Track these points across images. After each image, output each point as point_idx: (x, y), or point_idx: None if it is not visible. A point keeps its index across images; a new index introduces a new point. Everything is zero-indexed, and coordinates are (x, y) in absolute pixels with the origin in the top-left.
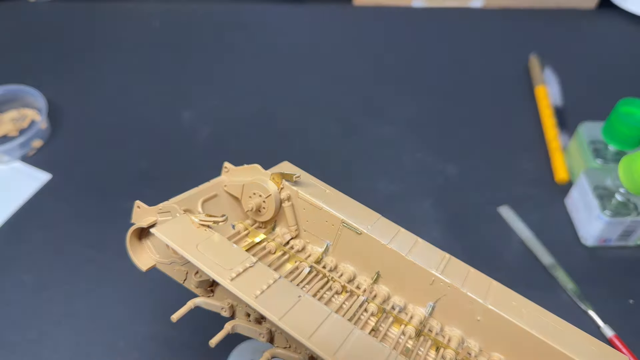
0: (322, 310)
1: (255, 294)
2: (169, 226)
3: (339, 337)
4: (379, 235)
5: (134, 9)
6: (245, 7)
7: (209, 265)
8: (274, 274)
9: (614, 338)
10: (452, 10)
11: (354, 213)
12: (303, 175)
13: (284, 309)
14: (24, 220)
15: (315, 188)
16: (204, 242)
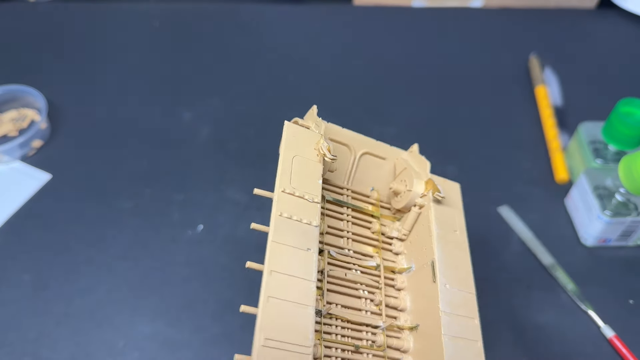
0: (308, 291)
1: (281, 214)
2: (298, 130)
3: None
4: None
5: (134, 9)
6: (245, 7)
7: (280, 173)
8: (314, 232)
9: (614, 338)
10: (452, 10)
11: (447, 261)
12: (451, 199)
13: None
14: (24, 220)
15: (447, 218)
16: (301, 158)
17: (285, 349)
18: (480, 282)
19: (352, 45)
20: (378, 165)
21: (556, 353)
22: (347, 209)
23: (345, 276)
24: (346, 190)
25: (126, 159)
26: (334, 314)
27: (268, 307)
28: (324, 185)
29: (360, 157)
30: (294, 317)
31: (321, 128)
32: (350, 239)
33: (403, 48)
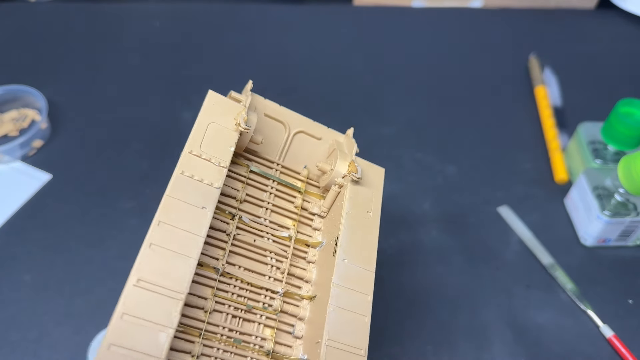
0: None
1: (182, 172)
2: (220, 99)
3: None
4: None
5: (134, 9)
6: (245, 7)
7: (192, 136)
8: (213, 193)
9: (613, 338)
10: (452, 10)
11: (351, 239)
12: (372, 182)
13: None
14: (24, 220)
15: (363, 199)
16: (217, 125)
17: (157, 292)
18: (480, 282)
19: (352, 45)
20: (313, 145)
21: (555, 352)
22: (272, 182)
23: (254, 242)
24: (276, 165)
25: (126, 159)
26: (233, 274)
27: (148, 253)
28: (253, 156)
29: (295, 135)
30: (173, 266)
31: (247, 101)
32: (269, 210)
33: (403, 48)
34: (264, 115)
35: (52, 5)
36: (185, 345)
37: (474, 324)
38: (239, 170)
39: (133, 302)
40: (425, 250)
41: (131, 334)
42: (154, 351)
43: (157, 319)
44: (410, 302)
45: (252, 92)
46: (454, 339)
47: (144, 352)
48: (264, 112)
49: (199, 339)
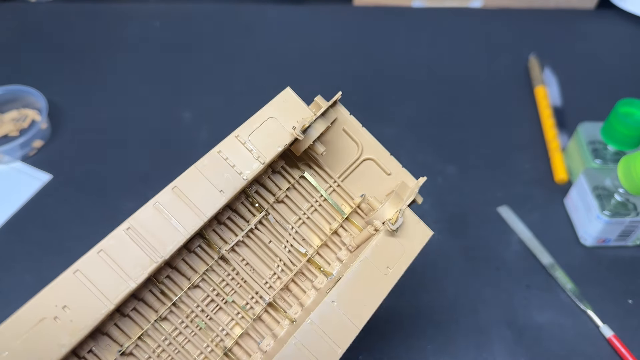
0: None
1: (220, 151)
2: (293, 98)
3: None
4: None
5: (134, 9)
6: (245, 7)
7: (249, 122)
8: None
9: (612, 338)
10: (452, 10)
11: (354, 286)
12: (412, 240)
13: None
14: (24, 221)
15: (390, 252)
16: (277, 122)
17: (139, 245)
18: (480, 282)
19: (352, 45)
20: (380, 177)
21: (555, 352)
22: (320, 196)
23: (269, 242)
24: (333, 182)
25: (126, 159)
26: (232, 262)
27: (150, 210)
28: (314, 165)
29: (365, 160)
30: (166, 230)
31: (321, 110)
32: (302, 221)
33: (403, 48)
34: (342, 129)
35: (52, 5)
36: (155, 303)
37: (474, 324)
38: (293, 172)
39: (115, 244)
40: (425, 250)
41: (99, 270)
42: (110, 294)
43: (127, 269)
44: (410, 302)
45: (339, 103)
46: (454, 339)
47: (101, 290)
48: (343, 126)
49: (169, 304)
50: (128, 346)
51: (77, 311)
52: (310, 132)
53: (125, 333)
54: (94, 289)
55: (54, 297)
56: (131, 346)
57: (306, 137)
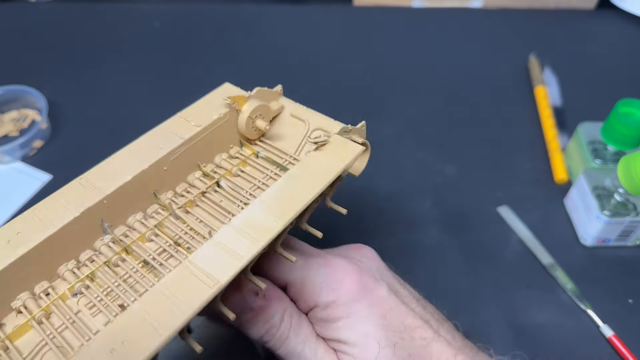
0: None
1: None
2: (231, 89)
3: None
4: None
5: (134, 9)
6: (245, 7)
7: (190, 107)
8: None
9: (613, 338)
10: (452, 10)
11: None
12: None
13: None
14: None
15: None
16: (212, 104)
17: (84, 185)
18: (480, 282)
19: (352, 45)
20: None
21: (555, 352)
22: (275, 167)
23: (220, 202)
24: (289, 157)
25: None
26: (184, 218)
27: (100, 164)
28: (267, 148)
29: (313, 131)
30: (113, 175)
31: (253, 93)
32: (257, 186)
33: (403, 48)
34: (290, 115)
35: (52, 5)
36: (109, 253)
37: (474, 324)
38: (245, 153)
39: (68, 190)
40: (425, 250)
41: (55, 207)
42: (57, 222)
43: (75, 206)
44: None
45: (284, 96)
46: None
47: (52, 221)
48: (291, 112)
49: (119, 250)
50: (78, 286)
51: (27, 233)
52: (244, 108)
53: (78, 277)
54: (44, 220)
55: (11, 227)
56: (80, 285)
57: (242, 113)
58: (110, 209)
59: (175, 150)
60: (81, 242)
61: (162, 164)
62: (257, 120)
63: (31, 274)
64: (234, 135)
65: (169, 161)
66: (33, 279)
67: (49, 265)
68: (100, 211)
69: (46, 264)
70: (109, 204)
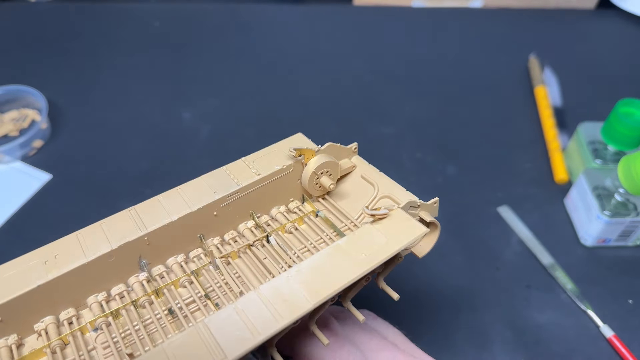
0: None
1: (226, 170)
2: (302, 140)
3: None
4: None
5: (134, 9)
6: (245, 7)
7: (257, 153)
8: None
9: (613, 338)
10: (452, 10)
11: (319, 269)
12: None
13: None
14: (24, 220)
15: (368, 243)
16: (278, 153)
17: (134, 220)
18: (480, 282)
19: (352, 45)
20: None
21: (556, 352)
22: (332, 231)
23: (264, 259)
24: (349, 222)
25: (126, 159)
26: (222, 270)
27: (150, 200)
28: (329, 207)
29: (381, 198)
30: (155, 211)
31: (322, 148)
32: (308, 249)
33: (403, 48)
34: (360, 176)
35: (52, 5)
36: (139, 291)
37: (474, 324)
38: (305, 209)
39: (113, 220)
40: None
41: (94, 235)
42: (90, 252)
43: (116, 236)
44: (410, 302)
45: (358, 156)
46: (454, 339)
47: (87, 247)
48: (361, 173)
49: (150, 292)
50: (100, 321)
51: (63, 257)
52: (310, 163)
53: (104, 310)
54: (83, 246)
55: (52, 249)
56: (102, 321)
57: (307, 167)
58: (150, 247)
59: (228, 197)
60: (116, 275)
61: (212, 208)
62: (322, 177)
63: (60, 299)
64: (297, 188)
65: (219, 207)
66: (61, 303)
67: (79, 292)
68: (139, 247)
69: (76, 291)
70: (150, 241)
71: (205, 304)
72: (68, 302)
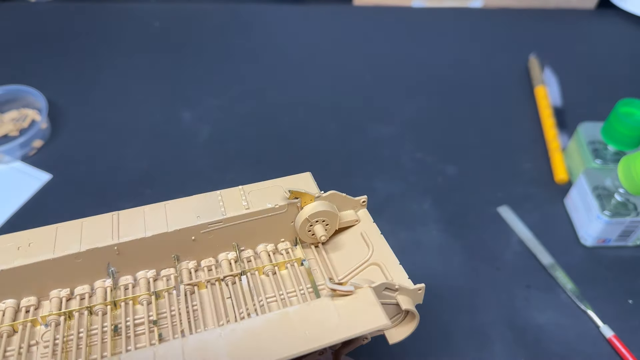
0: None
1: (220, 195)
2: (309, 182)
3: None
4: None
5: (134, 9)
6: (245, 7)
7: (257, 185)
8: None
9: (613, 338)
10: (452, 10)
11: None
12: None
13: None
14: (24, 220)
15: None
16: (277, 190)
17: (112, 227)
18: (480, 282)
19: (352, 45)
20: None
21: (556, 352)
22: (308, 287)
23: (227, 298)
24: (330, 280)
25: (126, 159)
26: (182, 298)
27: (134, 209)
28: (318, 257)
29: (370, 265)
30: (133, 223)
31: (324, 195)
32: (276, 300)
33: (403, 48)
34: (360, 233)
35: (52, 5)
36: (100, 298)
37: (474, 324)
38: (293, 254)
39: (93, 222)
40: (425, 250)
41: (70, 232)
42: (61, 248)
43: (89, 239)
44: None
45: (366, 210)
46: (454, 339)
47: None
48: (362, 230)
49: (106, 301)
50: (52, 318)
51: (35, 247)
52: (306, 209)
53: (61, 308)
54: (56, 241)
55: (29, 235)
56: (53, 319)
57: (301, 212)
58: (120, 256)
59: (209, 224)
60: (82, 275)
61: (190, 232)
62: (316, 225)
63: (23, 286)
64: (290, 229)
65: (199, 232)
66: (24, 290)
67: (43, 284)
68: (108, 255)
69: (40, 282)
70: (120, 251)
71: (152, 330)
72: (31, 291)
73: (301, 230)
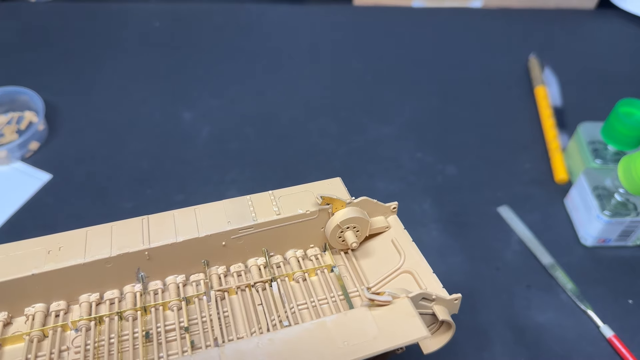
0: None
1: (250, 199)
2: (339, 187)
3: None
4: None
5: (134, 9)
6: (245, 7)
7: (289, 189)
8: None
9: (613, 338)
10: (452, 10)
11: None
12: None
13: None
14: (24, 220)
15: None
16: (309, 196)
17: (142, 231)
18: (480, 282)
19: (352, 45)
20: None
21: (556, 352)
22: (340, 294)
23: (258, 305)
24: (361, 286)
25: (126, 159)
26: (213, 304)
27: (165, 212)
28: (348, 264)
29: (402, 273)
30: (164, 229)
31: (355, 201)
32: (307, 307)
33: (403, 48)
34: (391, 240)
35: (52, 5)
36: (129, 303)
37: (474, 324)
38: (323, 260)
39: (123, 225)
40: (425, 250)
41: (99, 236)
42: (92, 254)
43: (119, 244)
44: None
45: (396, 217)
46: (454, 339)
47: (89, 249)
48: (393, 237)
49: (136, 307)
50: (83, 323)
51: (66, 251)
52: (337, 215)
53: (91, 313)
54: (86, 245)
55: (59, 239)
56: (84, 324)
57: (333, 218)
58: (151, 261)
59: (240, 230)
60: (112, 280)
61: (221, 238)
62: (347, 231)
63: (53, 290)
64: (320, 235)
65: (229, 238)
66: (54, 294)
67: (73, 288)
68: (138, 260)
69: (70, 286)
70: (151, 256)
71: (183, 336)
72: (61, 295)
73: (332, 237)
